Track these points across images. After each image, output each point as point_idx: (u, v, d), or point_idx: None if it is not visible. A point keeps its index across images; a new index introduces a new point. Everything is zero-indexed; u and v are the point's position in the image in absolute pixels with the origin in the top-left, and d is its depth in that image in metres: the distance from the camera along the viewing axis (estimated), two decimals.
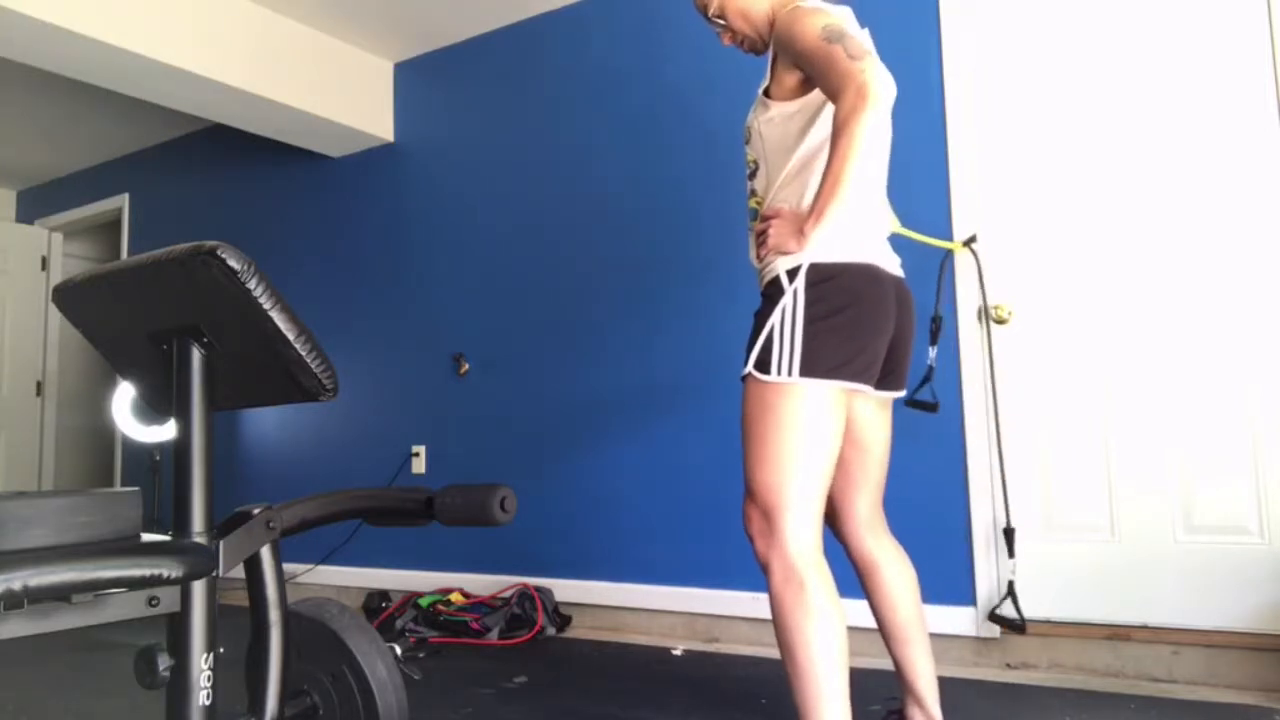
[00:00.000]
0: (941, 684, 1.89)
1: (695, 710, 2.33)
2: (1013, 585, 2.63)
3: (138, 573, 1.09)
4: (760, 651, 2.96)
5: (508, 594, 3.45)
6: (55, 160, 5.61)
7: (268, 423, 4.58)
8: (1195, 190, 2.55)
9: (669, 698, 2.46)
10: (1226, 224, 2.50)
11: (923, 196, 2.86)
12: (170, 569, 1.12)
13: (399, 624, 3.43)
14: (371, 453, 4.17)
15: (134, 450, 5.21)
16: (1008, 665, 2.67)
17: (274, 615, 1.40)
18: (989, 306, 2.78)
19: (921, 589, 1.91)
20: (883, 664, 2.51)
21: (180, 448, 1.31)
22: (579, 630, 3.40)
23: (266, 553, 1.40)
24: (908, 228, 2.73)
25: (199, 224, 5.05)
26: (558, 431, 3.61)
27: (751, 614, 3.07)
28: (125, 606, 1.18)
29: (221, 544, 1.31)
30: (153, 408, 1.51)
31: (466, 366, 3.89)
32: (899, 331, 1.76)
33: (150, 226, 5.35)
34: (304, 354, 1.30)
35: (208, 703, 1.24)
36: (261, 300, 1.24)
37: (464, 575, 3.76)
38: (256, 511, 1.38)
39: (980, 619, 2.69)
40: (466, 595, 3.56)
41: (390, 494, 1.68)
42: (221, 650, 1.28)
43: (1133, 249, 2.61)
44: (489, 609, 3.39)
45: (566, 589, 3.48)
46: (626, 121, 3.55)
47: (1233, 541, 2.45)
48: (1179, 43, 2.59)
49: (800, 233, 1.63)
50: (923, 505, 2.80)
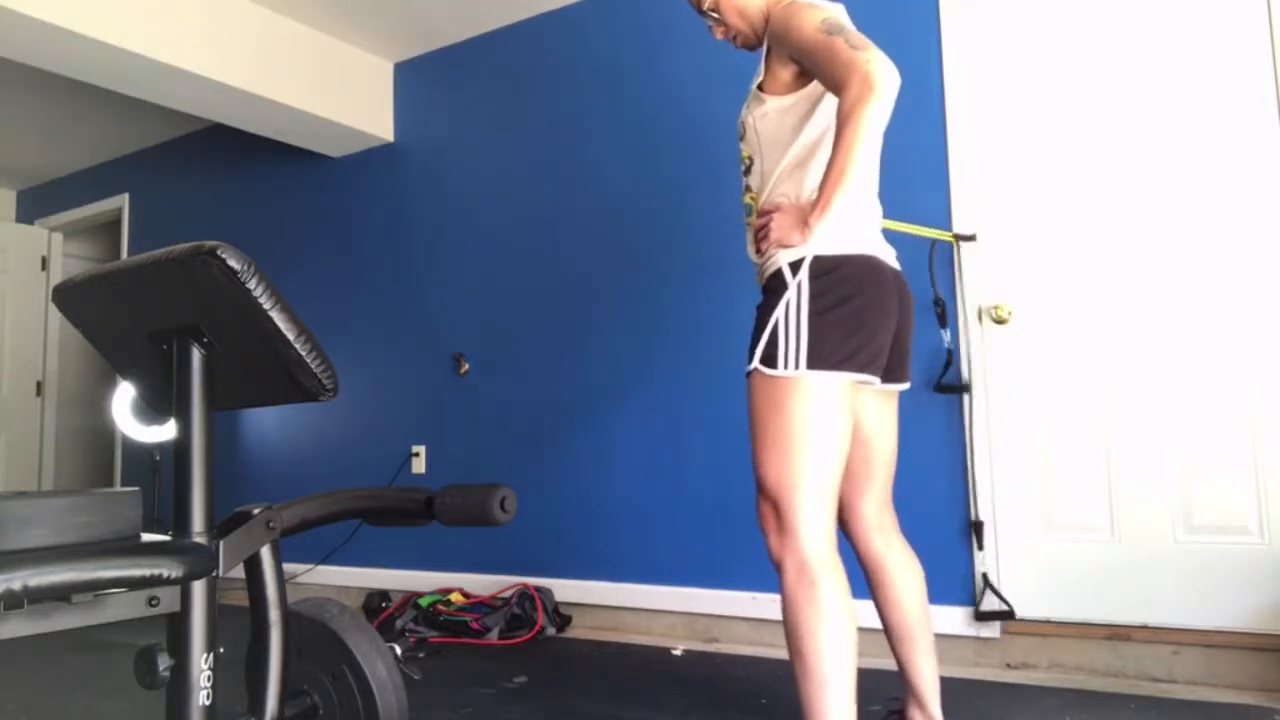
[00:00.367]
0: (941, 684, 1.89)
1: (695, 710, 2.33)
2: (987, 577, 2.66)
3: (138, 573, 1.09)
4: (760, 651, 2.96)
5: (508, 594, 3.45)
6: (55, 160, 5.61)
7: (268, 423, 4.58)
8: (1195, 190, 2.54)
9: (669, 698, 2.46)
10: (1226, 224, 2.50)
11: (923, 196, 2.86)
12: (170, 569, 1.12)
13: (399, 624, 3.43)
14: (371, 453, 4.17)
15: (134, 450, 5.21)
16: (1008, 665, 2.67)
17: (274, 615, 1.40)
18: (989, 306, 2.78)
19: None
20: (883, 663, 2.51)
21: (180, 448, 1.31)
22: (579, 630, 3.40)
23: (266, 553, 1.40)
24: (904, 225, 2.73)
25: (199, 224, 5.05)
26: (558, 431, 3.61)
27: (751, 614, 3.07)
28: (125, 606, 1.18)
29: (221, 544, 1.31)
30: (153, 408, 1.51)
31: (466, 366, 3.89)
32: (900, 323, 1.76)
33: (150, 226, 5.35)
34: (304, 354, 1.30)
35: (208, 703, 1.24)
36: (261, 300, 1.24)
37: (464, 575, 3.76)
38: (256, 511, 1.38)
39: (982, 619, 2.68)
40: (466, 595, 3.56)
41: (390, 494, 1.68)
42: (221, 650, 1.28)
43: (1133, 249, 2.61)
44: (489, 609, 3.39)
45: (566, 589, 3.48)
46: (626, 121, 3.55)
47: (1233, 541, 2.44)
48: (1179, 42, 2.59)
49: (804, 225, 1.63)
50: (922, 505, 2.80)
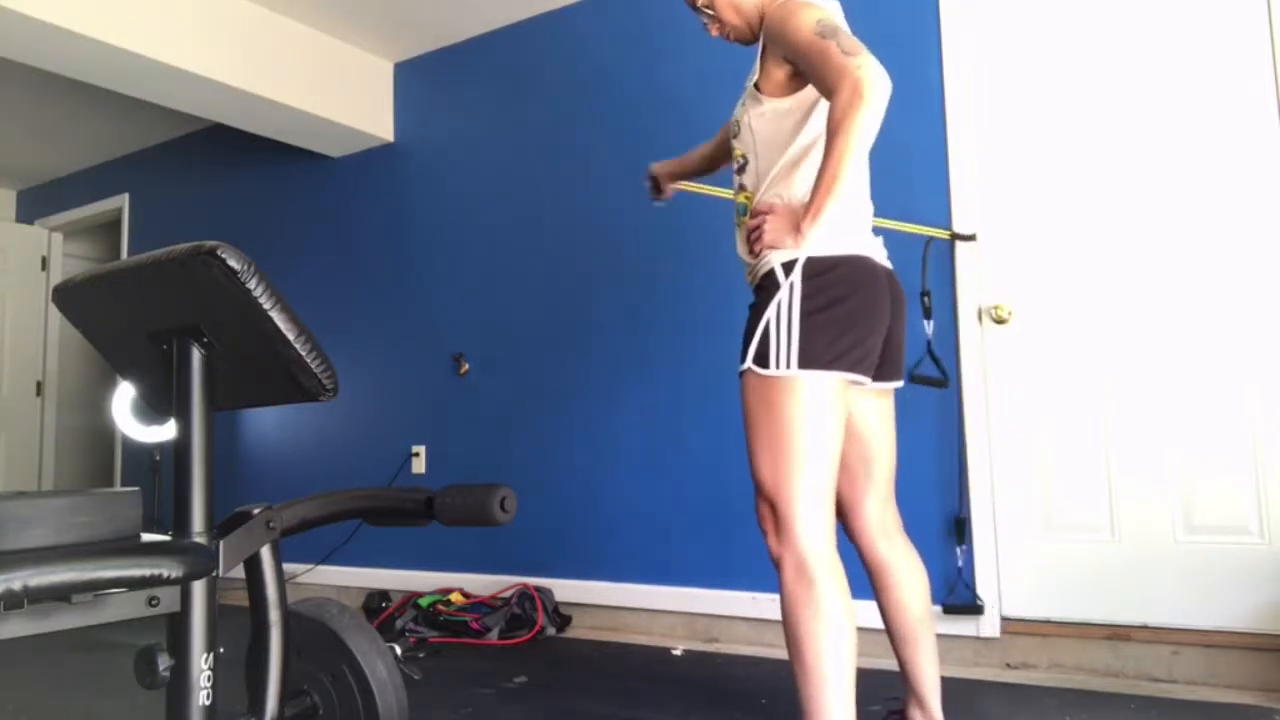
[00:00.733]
0: (942, 684, 1.89)
1: (695, 710, 2.33)
2: (961, 571, 2.69)
3: (138, 573, 1.09)
4: (760, 651, 2.96)
5: (508, 594, 3.45)
6: (55, 160, 5.61)
7: (268, 423, 4.58)
8: (1195, 190, 2.54)
9: (669, 698, 2.46)
10: (1226, 224, 2.50)
11: (923, 196, 2.86)
12: (170, 569, 1.12)
13: (399, 624, 3.43)
14: (371, 453, 4.17)
15: (134, 450, 5.21)
16: (1008, 665, 2.67)
17: (274, 615, 1.39)
18: (989, 306, 2.78)
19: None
20: (883, 663, 2.51)
21: (180, 448, 1.31)
22: (579, 630, 3.40)
23: (266, 553, 1.39)
24: (903, 224, 2.73)
25: (199, 224, 5.04)
26: (558, 431, 3.61)
27: (751, 614, 3.07)
28: (125, 606, 1.18)
29: (221, 544, 1.31)
30: (153, 408, 1.51)
31: (466, 366, 3.89)
32: (893, 323, 1.77)
33: (150, 226, 5.35)
34: (304, 354, 1.30)
35: (208, 703, 1.24)
36: (261, 300, 1.24)
37: (464, 575, 3.76)
38: (256, 511, 1.38)
39: (981, 619, 2.69)
40: (466, 595, 3.55)
41: (390, 494, 1.68)
42: (221, 650, 1.28)
43: (1133, 249, 2.61)
44: (489, 609, 3.39)
45: (566, 589, 3.48)
46: (626, 120, 3.55)
47: (1233, 541, 2.44)
48: (1179, 42, 2.59)
49: (796, 230, 1.63)
50: (923, 505, 2.79)
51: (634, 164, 3.51)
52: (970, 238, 2.80)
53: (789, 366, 1.62)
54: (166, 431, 4.63)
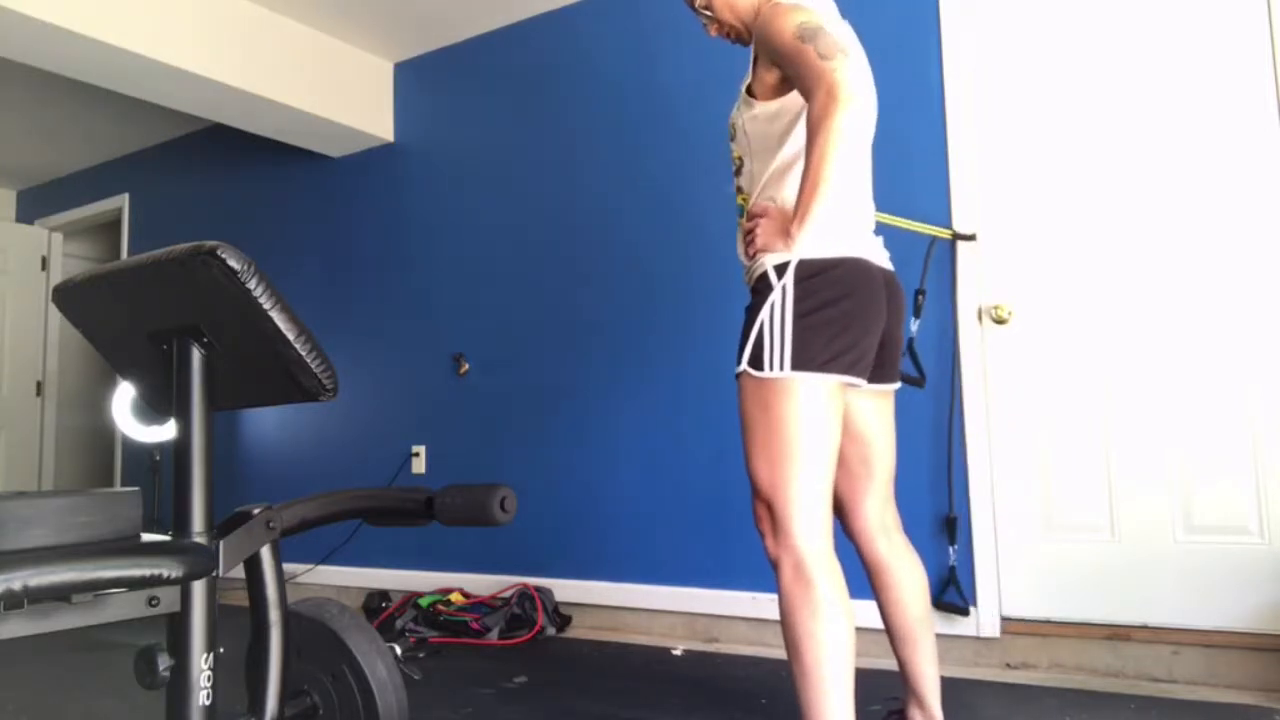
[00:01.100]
0: (942, 684, 1.89)
1: (695, 710, 2.33)
2: (954, 571, 2.69)
3: (138, 573, 1.09)
4: (760, 651, 2.96)
5: (508, 594, 3.45)
6: (55, 160, 5.61)
7: (268, 423, 4.58)
8: (1195, 190, 2.54)
9: (669, 698, 2.46)
10: (1226, 224, 2.50)
11: (923, 196, 2.86)
12: (170, 569, 1.12)
13: (399, 624, 3.43)
14: (371, 453, 4.17)
15: (134, 450, 5.21)
16: (1008, 665, 2.67)
17: (274, 615, 1.40)
18: (989, 306, 2.78)
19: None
20: (883, 663, 2.51)
21: (180, 448, 1.31)
22: (579, 630, 3.40)
23: (266, 553, 1.40)
24: (904, 221, 2.73)
25: (199, 224, 5.04)
26: (558, 431, 3.61)
27: (751, 614, 3.07)
28: (125, 606, 1.18)
29: (221, 544, 1.31)
30: (153, 408, 1.51)
31: (466, 366, 3.89)
32: (890, 324, 1.77)
33: (150, 226, 5.35)
34: (304, 354, 1.30)
35: (208, 703, 1.24)
36: (261, 300, 1.24)
37: (464, 575, 3.76)
38: (256, 511, 1.38)
39: (981, 619, 2.69)
40: (466, 595, 3.56)
41: (390, 494, 1.68)
42: (221, 650, 1.28)
43: (1133, 249, 2.61)
44: (489, 609, 3.39)
45: (566, 589, 3.48)
46: (626, 121, 3.55)
47: (1233, 541, 2.44)
48: (1179, 42, 2.59)
49: (786, 233, 1.64)
50: (923, 505, 2.80)
51: (633, 163, 3.52)
52: (970, 238, 2.80)
53: (783, 369, 1.63)
54: (166, 431, 4.64)
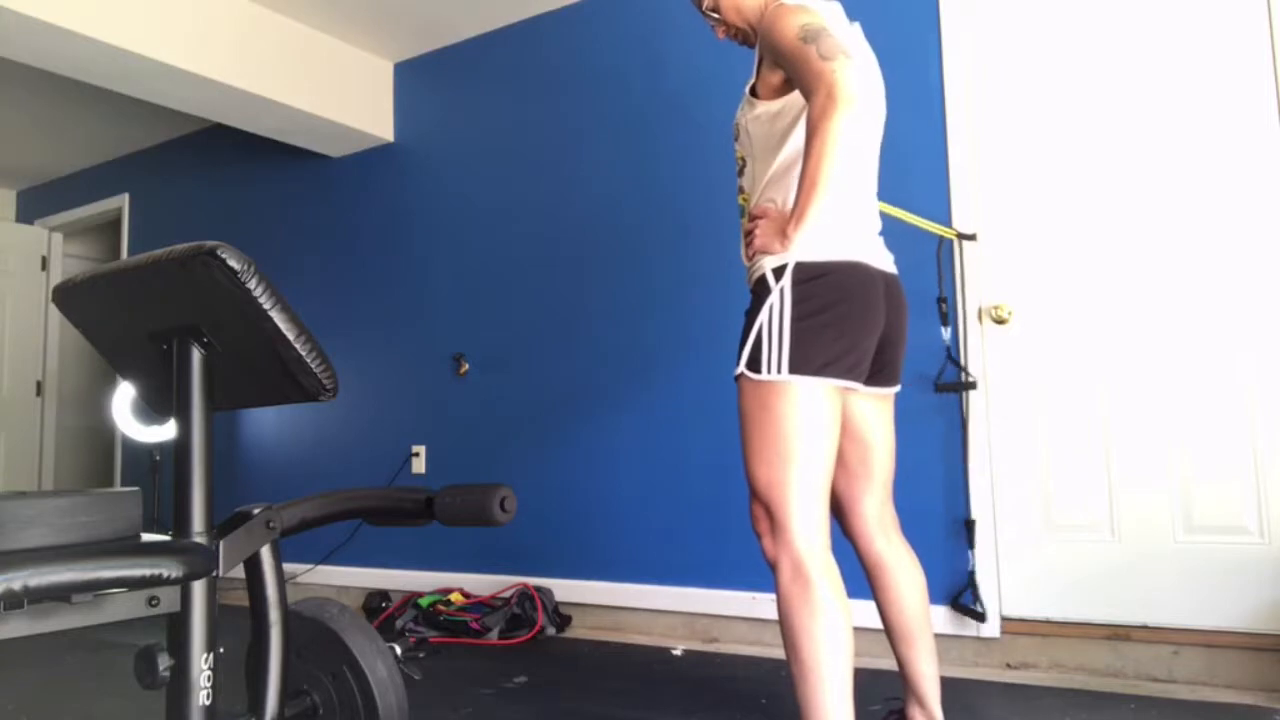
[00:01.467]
0: (942, 684, 1.89)
1: (695, 710, 2.33)
2: (973, 575, 2.68)
3: (138, 573, 1.09)
4: (760, 651, 2.96)
5: (508, 594, 3.45)
6: (55, 160, 5.61)
7: (268, 423, 4.58)
8: (1195, 190, 2.54)
9: (669, 698, 2.46)
10: (1226, 224, 2.50)
11: (923, 197, 2.86)
12: (170, 569, 1.12)
13: (399, 624, 3.43)
14: (371, 453, 4.17)
15: (134, 450, 5.21)
16: (1008, 665, 2.67)
17: (274, 615, 1.39)
18: (989, 306, 2.78)
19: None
20: (884, 664, 2.51)
21: (180, 448, 1.31)
22: (579, 630, 3.40)
23: (266, 553, 1.40)
24: (908, 215, 2.73)
25: (199, 224, 5.05)
26: (557, 431, 3.61)
27: (751, 614, 3.07)
28: (125, 606, 1.18)
29: (221, 544, 1.31)
30: (153, 408, 1.51)
31: (466, 366, 3.89)
32: (890, 328, 1.76)
33: (150, 226, 5.35)
34: (304, 354, 1.30)
35: (208, 703, 1.24)
36: (261, 300, 1.24)
37: (464, 575, 3.76)
38: (256, 511, 1.38)
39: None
40: (466, 595, 3.56)
41: (390, 494, 1.68)
42: (221, 650, 1.28)
43: (1133, 249, 2.61)
44: (489, 609, 3.39)
45: (566, 589, 3.48)
46: (626, 121, 3.55)
47: (1232, 541, 2.44)
48: (1179, 42, 2.59)
49: (784, 234, 1.64)
50: (922, 505, 2.80)
51: (634, 163, 3.52)
52: (970, 237, 2.80)
53: (780, 372, 1.63)
54: (166, 431, 4.64)
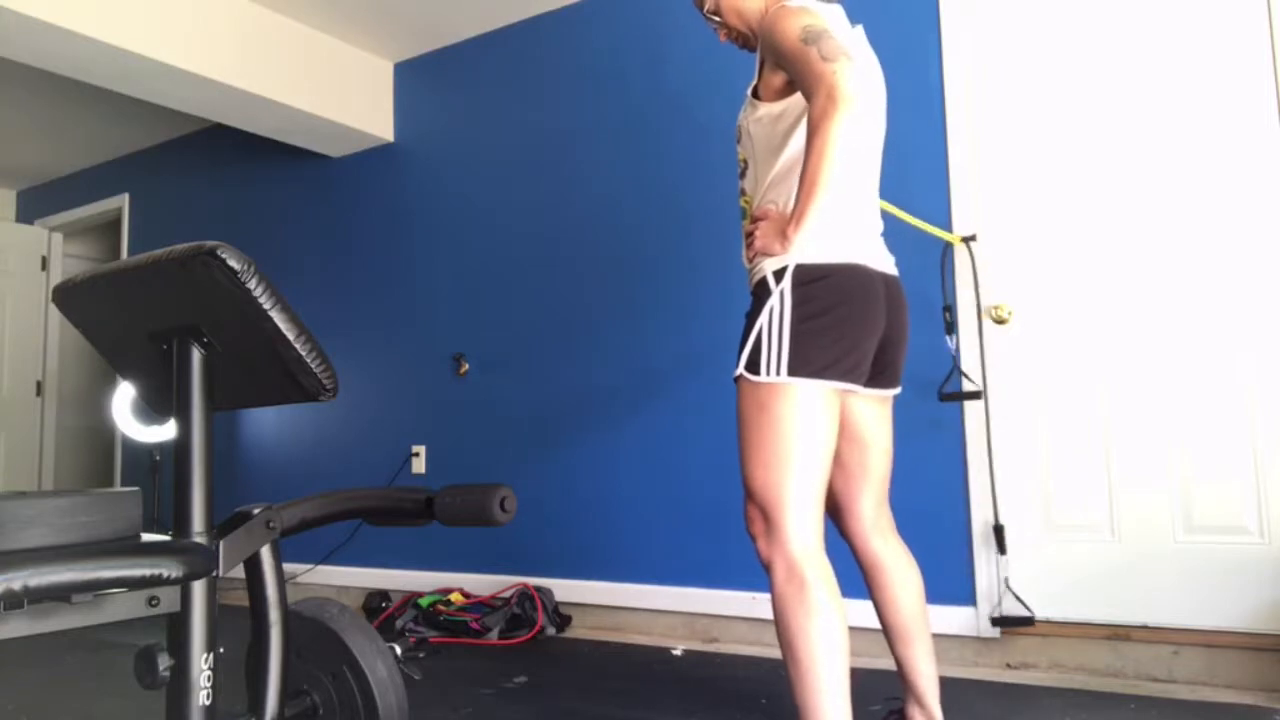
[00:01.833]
0: (942, 684, 1.89)
1: (695, 710, 2.33)
2: (1008, 582, 2.65)
3: (138, 573, 1.09)
4: (760, 651, 2.96)
5: (508, 594, 3.45)
6: (55, 160, 5.61)
7: (268, 423, 4.58)
8: (1195, 190, 2.54)
9: (669, 698, 2.46)
10: (1227, 224, 2.50)
11: (922, 197, 2.86)
12: (170, 569, 1.12)
13: (399, 624, 3.43)
14: (371, 453, 4.17)
15: (134, 450, 5.21)
16: (1008, 665, 2.67)
17: (274, 615, 1.39)
18: (989, 306, 2.78)
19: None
20: (883, 664, 2.51)
21: (180, 448, 1.31)
22: (579, 630, 3.40)
23: (266, 553, 1.40)
24: (911, 218, 2.73)
25: (199, 224, 5.05)
26: (558, 431, 3.61)
27: (750, 614, 3.07)
28: (125, 606, 1.18)
29: (221, 544, 1.31)
30: (153, 408, 1.51)
31: (466, 366, 3.89)
32: (891, 330, 1.76)
33: (150, 226, 5.35)
34: (304, 354, 1.30)
35: (208, 703, 1.24)
36: (261, 300, 1.24)
37: (464, 575, 3.76)
38: (256, 511, 1.38)
39: (981, 619, 2.69)
40: (466, 595, 3.56)
41: (390, 494, 1.68)
42: (221, 650, 1.28)
43: (1133, 249, 2.61)
44: (489, 609, 3.39)
45: (566, 589, 3.48)
46: (626, 121, 3.55)
47: (1232, 541, 2.44)
48: (1179, 42, 2.59)
49: (784, 235, 1.64)
50: (923, 505, 2.80)
51: (634, 163, 3.52)
52: (970, 238, 2.80)
53: (779, 374, 1.63)
54: (166, 431, 4.64)
